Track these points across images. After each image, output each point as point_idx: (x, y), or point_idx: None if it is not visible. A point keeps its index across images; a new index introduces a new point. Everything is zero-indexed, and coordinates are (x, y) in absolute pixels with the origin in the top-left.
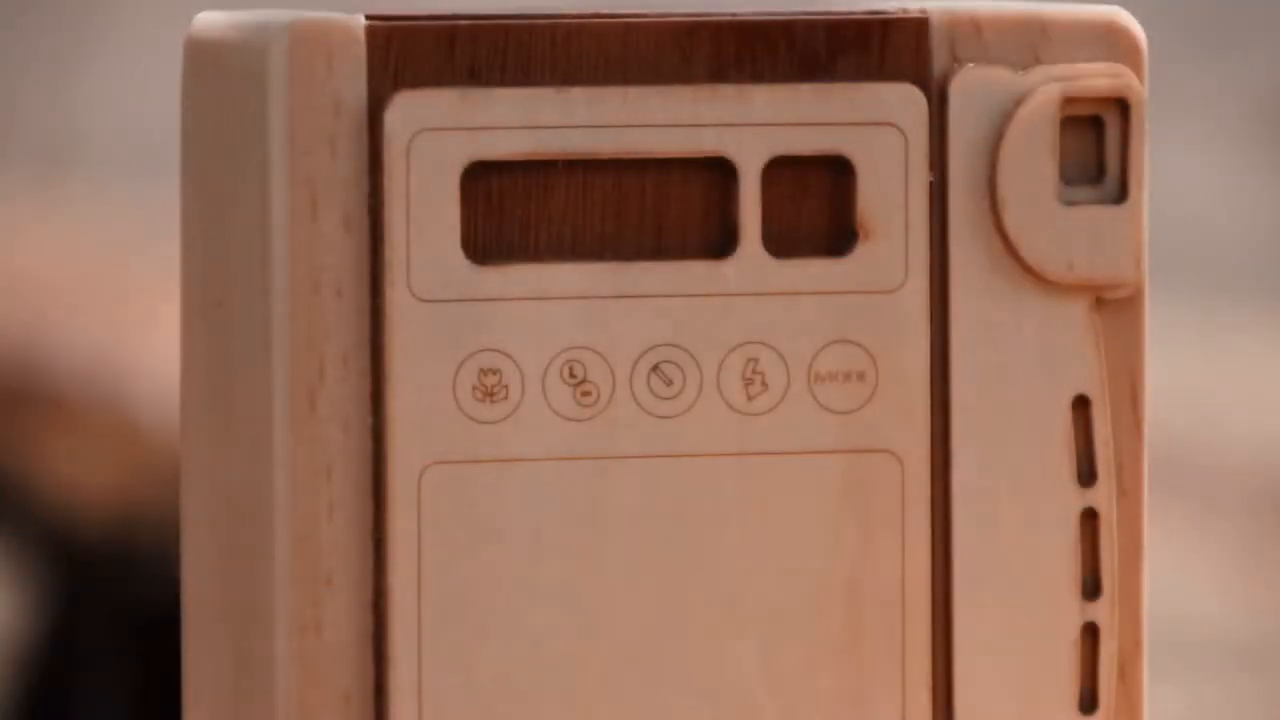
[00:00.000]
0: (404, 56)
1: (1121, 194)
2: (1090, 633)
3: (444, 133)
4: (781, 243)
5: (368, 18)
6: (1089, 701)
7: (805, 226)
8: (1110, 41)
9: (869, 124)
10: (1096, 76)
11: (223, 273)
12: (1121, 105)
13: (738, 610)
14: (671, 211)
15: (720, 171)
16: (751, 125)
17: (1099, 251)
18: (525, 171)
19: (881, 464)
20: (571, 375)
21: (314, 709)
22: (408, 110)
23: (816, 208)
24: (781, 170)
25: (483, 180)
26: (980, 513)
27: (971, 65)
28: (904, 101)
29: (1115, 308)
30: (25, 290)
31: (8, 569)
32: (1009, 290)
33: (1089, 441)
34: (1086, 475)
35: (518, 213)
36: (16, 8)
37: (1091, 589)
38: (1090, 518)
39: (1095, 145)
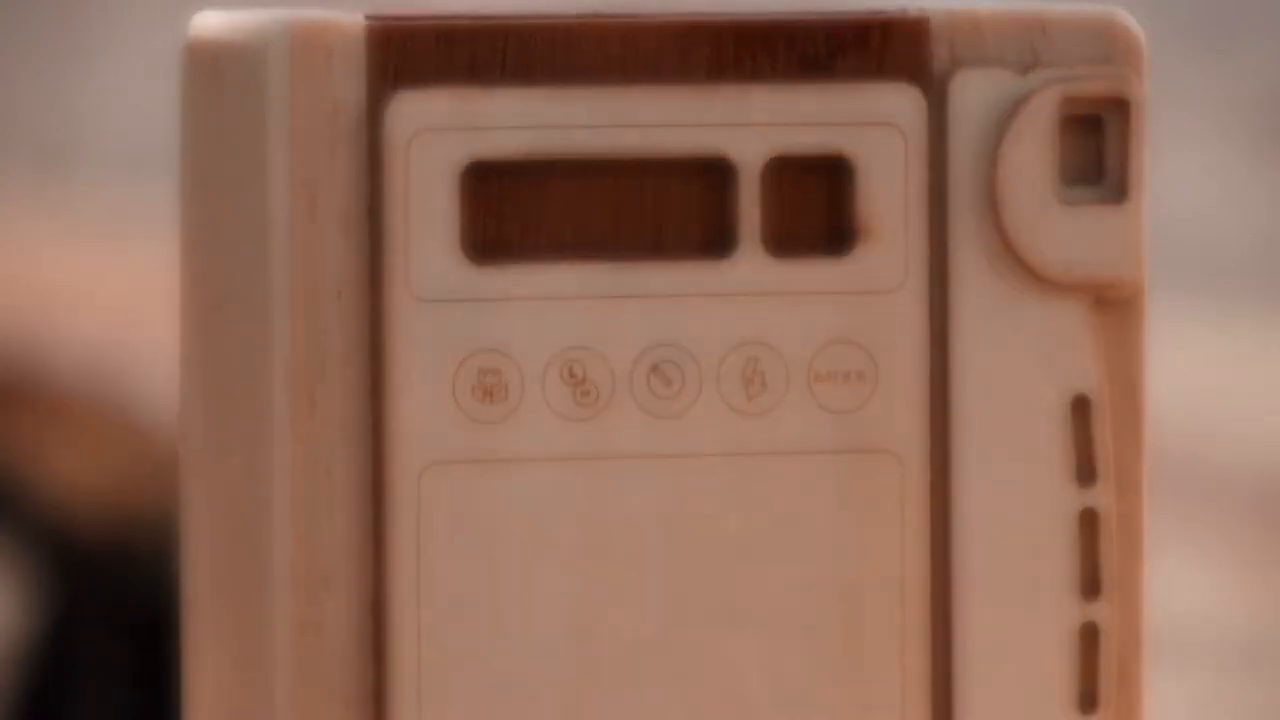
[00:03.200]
0: (403, 56)
1: (1121, 194)
2: (1090, 632)
3: (443, 132)
4: (781, 243)
5: (367, 18)
6: (1089, 701)
7: (805, 226)
8: (1110, 41)
9: (869, 124)
10: (1096, 77)
11: (222, 273)
12: (1121, 105)
13: (737, 610)
14: (671, 211)
15: (720, 171)
16: (751, 125)
17: (1099, 251)
18: (525, 171)
19: (881, 464)
20: (571, 375)
21: (314, 710)
22: (407, 110)
23: (816, 208)
24: (781, 170)
25: (482, 180)
26: (980, 513)
27: (971, 65)
28: (904, 101)
29: (1115, 308)
30: (25, 290)
31: (8, 569)
32: (1009, 290)
33: (1089, 441)
34: (1086, 475)
35: (518, 213)
36: (17, 8)
37: (1091, 589)
38: (1090, 518)
39: (1095, 145)
